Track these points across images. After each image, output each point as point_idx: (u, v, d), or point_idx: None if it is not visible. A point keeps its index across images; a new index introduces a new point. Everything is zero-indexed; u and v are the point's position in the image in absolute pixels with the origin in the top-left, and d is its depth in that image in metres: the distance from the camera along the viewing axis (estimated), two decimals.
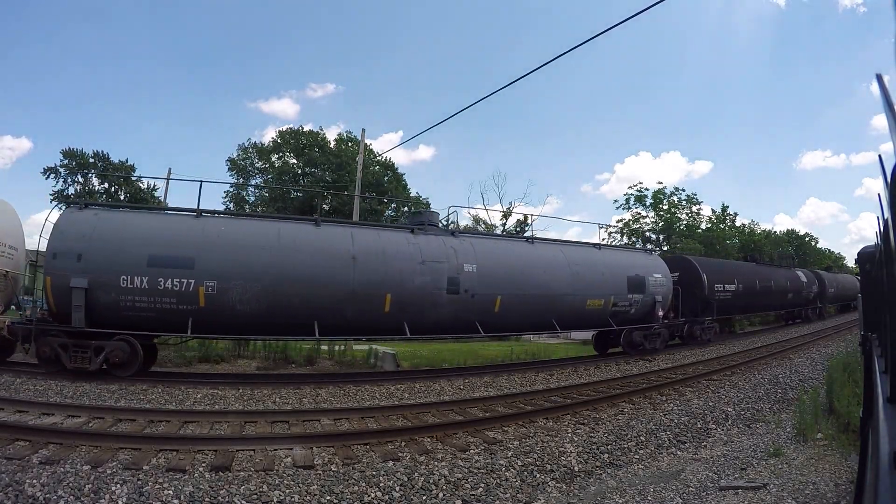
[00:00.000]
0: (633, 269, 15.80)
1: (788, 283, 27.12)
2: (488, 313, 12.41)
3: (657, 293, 16.20)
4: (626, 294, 15.29)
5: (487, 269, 12.42)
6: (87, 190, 29.23)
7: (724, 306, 20.56)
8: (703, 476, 5.75)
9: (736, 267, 23.66)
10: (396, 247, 11.55)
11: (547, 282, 13.52)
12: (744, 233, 40.85)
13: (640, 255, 18.01)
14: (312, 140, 35.48)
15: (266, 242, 10.52)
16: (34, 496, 4.32)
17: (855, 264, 36.81)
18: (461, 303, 11.94)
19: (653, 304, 16.08)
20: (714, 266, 21.41)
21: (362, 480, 5.09)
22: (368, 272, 10.89)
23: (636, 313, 15.77)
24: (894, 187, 1.69)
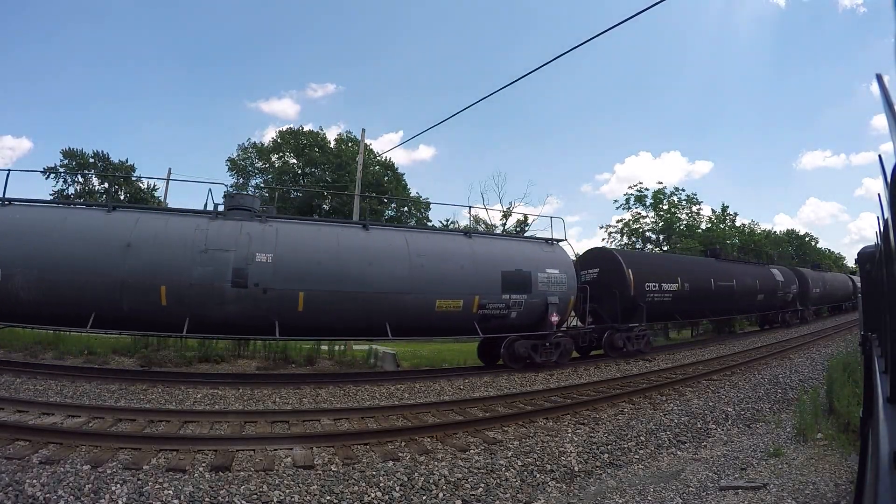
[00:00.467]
0: (513, 263, 12.93)
1: (758, 283, 23.55)
2: (290, 312, 10.54)
3: (551, 293, 13.26)
4: (499, 294, 12.49)
5: (288, 259, 10.56)
6: (87, 190, 29.25)
7: (661, 310, 17.23)
8: (703, 476, 5.75)
9: (680, 263, 20.31)
10: (181, 233, 10.30)
11: (375, 276, 11.07)
12: (744, 233, 40.85)
13: (530, 245, 14.39)
14: (312, 140, 35.51)
15: (50, 228, 9.93)
16: (34, 496, 4.32)
17: (855, 264, 36.52)
18: (251, 299, 10.26)
19: (544, 306, 13.13)
20: (646, 261, 18.30)
21: (362, 480, 5.09)
22: (142, 261, 9.89)
23: (519, 318, 12.88)
24: (894, 187, 1.69)
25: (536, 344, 13.02)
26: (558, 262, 13.94)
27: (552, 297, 13.27)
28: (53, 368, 10.86)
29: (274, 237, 10.76)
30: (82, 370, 10.96)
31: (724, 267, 21.99)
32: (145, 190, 30.82)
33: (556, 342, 13.45)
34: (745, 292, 22.10)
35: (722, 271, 21.25)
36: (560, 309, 13.44)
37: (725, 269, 21.83)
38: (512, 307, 12.75)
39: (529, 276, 13.00)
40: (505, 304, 12.64)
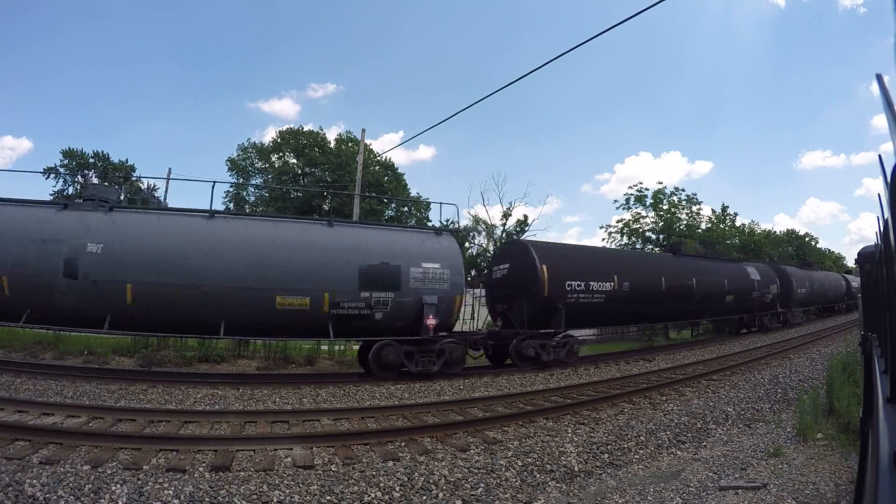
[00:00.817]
0: (377, 256, 11.30)
1: (727, 283, 20.78)
2: (119, 305, 9.88)
3: (427, 291, 11.50)
4: (357, 291, 10.95)
5: (119, 249, 9.93)
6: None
7: (590, 313, 14.79)
8: (703, 476, 5.75)
9: (619, 259, 17.73)
10: (23, 225, 9.99)
11: (211, 269, 10.18)
12: (744, 233, 40.86)
13: (407, 236, 12.62)
14: (312, 140, 35.51)
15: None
16: (34, 496, 4.32)
17: (855, 264, 36.35)
18: (81, 291, 9.79)
19: (419, 307, 11.40)
20: (568, 256, 15.25)
21: (362, 480, 5.09)
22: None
23: (387, 320, 11.28)
24: (894, 187, 1.69)
25: (411, 350, 11.30)
26: (441, 255, 12.03)
27: (429, 297, 11.46)
28: (53, 368, 10.87)
29: (109, 226, 10.20)
30: (82, 370, 10.97)
31: (681, 264, 19.41)
32: (145, 190, 30.80)
33: (440, 349, 11.57)
34: (709, 293, 19.58)
35: (678, 269, 18.75)
36: (440, 310, 11.60)
37: (683, 266, 19.26)
38: (375, 307, 11.11)
39: (398, 271, 11.32)
40: (365, 304, 11.02)
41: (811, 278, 30.44)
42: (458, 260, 12.44)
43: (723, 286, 20.65)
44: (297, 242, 10.96)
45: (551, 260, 14.06)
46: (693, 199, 35.79)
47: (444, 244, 12.47)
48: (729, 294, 20.97)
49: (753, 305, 23.10)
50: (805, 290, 28.40)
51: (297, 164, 35.49)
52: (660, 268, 18.07)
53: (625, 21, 9.89)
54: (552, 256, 14.36)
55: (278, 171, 35.04)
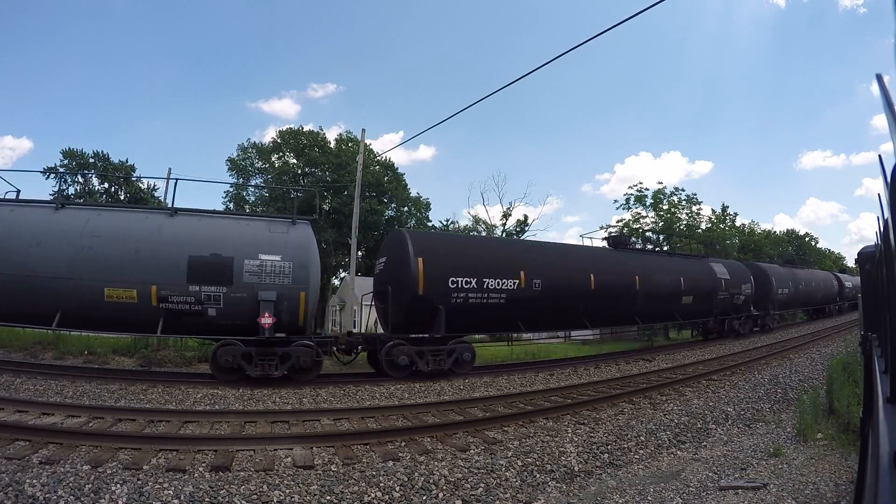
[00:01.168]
0: (209, 246, 10.39)
1: (683, 281, 18.09)
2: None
3: (264, 287, 10.40)
4: (185, 284, 10.11)
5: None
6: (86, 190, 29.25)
7: (485, 316, 12.53)
8: (703, 476, 5.76)
9: (527, 252, 14.56)
10: None
11: (39, 259, 9.75)
12: (744, 233, 40.88)
13: (250, 225, 11.40)
14: (312, 140, 35.50)
15: None
16: (34, 496, 4.32)
17: (855, 264, 36.06)
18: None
19: (255, 305, 10.30)
20: (455, 248, 13.21)
21: (362, 480, 5.09)
22: None
23: (222, 317, 10.33)
24: (894, 187, 1.69)
25: (250, 352, 10.23)
26: (284, 246, 10.84)
27: (265, 293, 10.36)
28: (53, 368, 10.88)
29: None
30: (82, 370, 10.98)
31: (620, 259, 16.77)
32: (145, 190, 30.82)
33: (285, 353, 10.42)
34: (657, 293, 16.81)
35: (615, 265, 16.15)
36: (282, 308, 10.48)
37: (623, 261, 16.63)
38: (206, 302, 10.21)
39: (231, 263, 10.33)
40: (195, 298, 10.16)
41: (795, 277, 27.69)
42: (306, 252, 11.02)
43: (677, 285, 18.01)
44: (128, 232, 10.33)
45: (430, 252, 11.99)
46: (693, 199, 35.85)
47: (292, 234, 11.17)
48: (686, 295, 18.32)
49: (722, 307, 20.21)
50: (788, 291, 25.91)
51: (297, 164, 35.48)
52: (589, 263, 15.30)
53: (625, 21, 9.86)
54: (433, 248, 12.34)
55: (278, 171, 35.03)
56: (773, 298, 24.05)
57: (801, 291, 27.81)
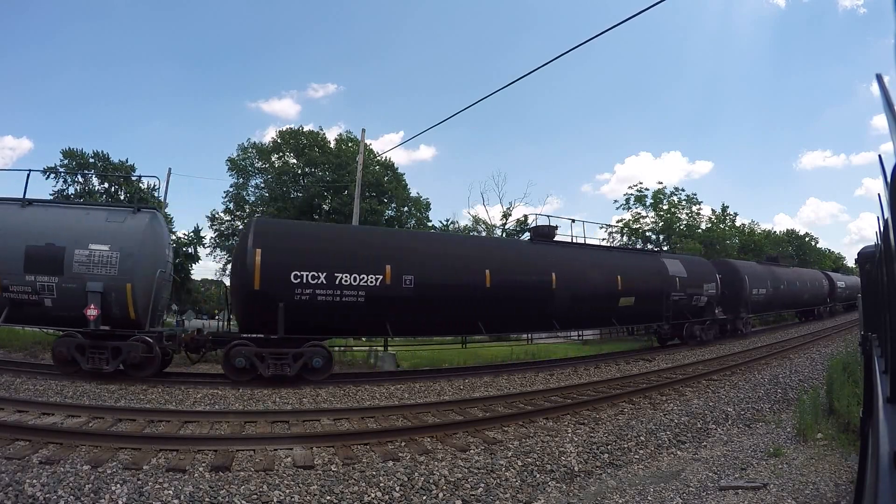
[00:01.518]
0: (45, 236, 10.17)
1: (621, 280, 15.39)
2: None
3: (93, 277, 10.02)
4: (22, 273, 9.94)
5: None
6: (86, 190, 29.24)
7: (333, 317, 10.97)
8: (703, 476, 5.75)
9: (395, 243, 12.74)
10: None
11: None
12: (743, 233, 40.87)
13: (87, 213, 11.00)
14: (312, 140, 35.48)
15: None
16: (34, 496, 4.32)
17: (855, 264, 35.80)
18: None
19: (82, 296, 9.95)
20: (303, 237, 11.70)
21: (362, 480, 5.09)
22: None
23: (58, 308, 10.10)
24: (894, 187, 1.69)
25: (83, 345, 9.93)
26: (115, 236, 10.37)
27: (92, 283, 9.98)
28: (53, 368, 10.86)
29: None
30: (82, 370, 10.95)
31: (532, 252, 14.27)
32: (145, 190, 30.79)
33: (116, 347, 9.96)
34: (582, 293, 14.29)
35: (523, 259, 13.81)
36: (108, 300, 10.02)
37: (536, 256, 14.09)
38: (42, 293, 10.02)
39: (63, 252, 10.04)
40: (31, 288, 9.98)
41: (776, 276, 24.84)
42: (138, 241, 10.45)
43: (612, 285, 15.27)
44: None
45: (271, 242, 10.74)
46: (693, 199, 35.82)
47: (127, 224, 10.65)
48: (625, 296, 15.59)
49: (675, 311, 17.40)
50: (766, 291, 23.26)
51: (297, 164, 35.46)
52: (485, 257, 13.07)
53: (625, 21, 9.88)
54: (275, 238, 11.04)
55: (278, 171, 35.02)
56: (747, 300, 21.44)
57: (784, 292, 25.10)
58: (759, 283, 22.88)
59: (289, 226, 13.27)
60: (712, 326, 19.68)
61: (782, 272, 26.52)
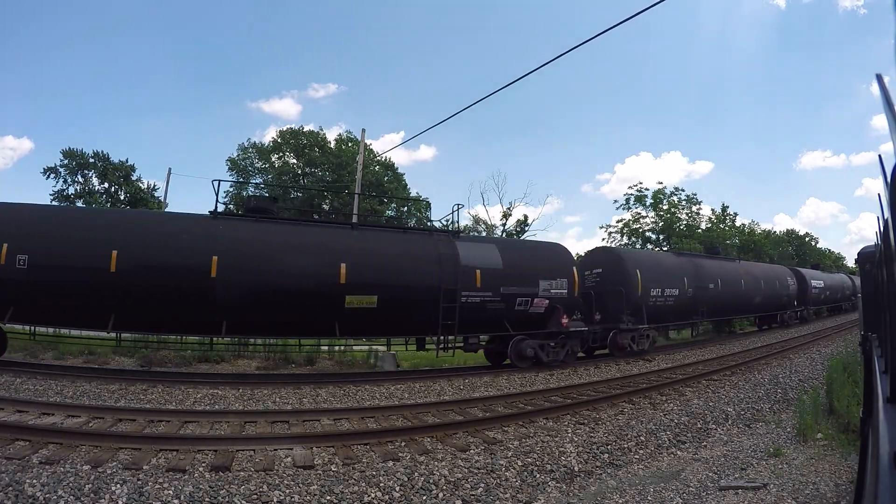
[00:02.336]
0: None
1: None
2: None
3: None
4: None
5: None
6: (86, 190, 29.25)
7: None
8: (703, 476, 5.76)
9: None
10: None
11: None
12: (743, 233, 40.89)
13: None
14: (312, 140, 35.51)
15: None
16: (34, 496, 4.32)
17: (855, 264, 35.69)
18: None
19: None
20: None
21: (362, 480, 5.09)
22: None
23: None
24: (894, 187, 1.69)
25: None
26: None
27: None
28: (53, 368, 10.87)
29: None
30: (82, 370, 10.96)
31: (193, 231, 10.65)
32: (145, 190, 30.81)
33: None
34: (259, 285, 10.34)
35: (173, 235, 10.43)
36: None
37: (195, 235, 10.52)
38: None
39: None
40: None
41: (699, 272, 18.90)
42: None
43: (331, 274, 10.86)
44: None
45: None
46: (693, 199, 35.85)
47: None
48: (357, 293, 11.02)
49: (469, 319, 12.21)
50: (677, 292, 17.30)
51: (297, 164, 35.49)
52: (109, 233, 10.14)
53: (625, 21, 9.89)
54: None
55: (278, 171, 35.04)
56: (638, 304, 15.51)
57: (713, 293, 18.93)
58: (664, 281, 16.84)
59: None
60: (570, 342, 13.62)
61: (714, 266, 20.23)
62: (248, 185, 35.01)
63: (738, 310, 22.21)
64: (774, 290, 24.26)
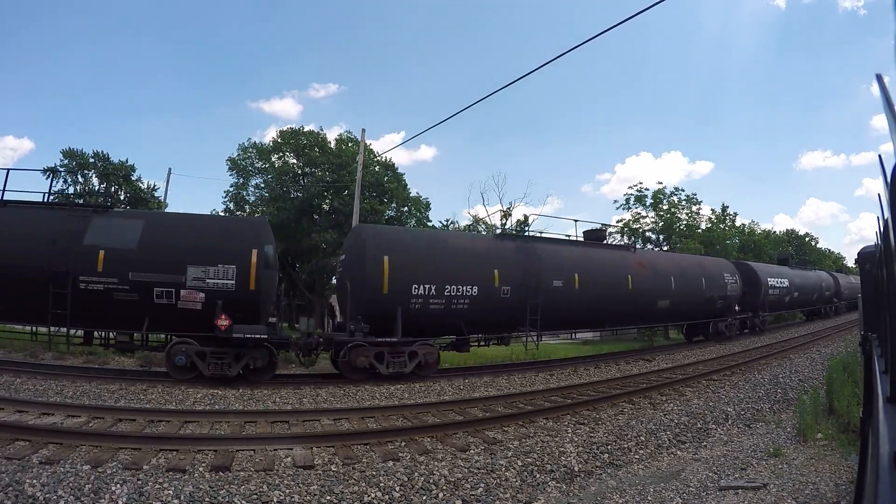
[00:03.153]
0: None
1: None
2: None
3: None
4: None
5: None
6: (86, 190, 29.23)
7: None
8: (703, 476, 5.75)
9: None
10: None
11: None
12: (743, 233, 40.86)
13: None
14: (312, 140, 35.48)
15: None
16: (34, 496, 4.32)
17: (855, 264, 35.20)
18: None
19: None
20: None
21: (362, 480, 5.09)
22: None
23: None
24: (894, 187, 1.69)
25: None
26: None
27: None
28: (53, 368, 10.86)
29: None
30: (82, 370, 10.96)
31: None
32: (145, 190, 30.78)
33: None
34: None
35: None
36: None
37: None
38: None
39: None
40: None
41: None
42: None
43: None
44: None
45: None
46: (693, 199, 35.81)
47: None
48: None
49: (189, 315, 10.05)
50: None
51: (297, 164, 35.45)
52: None
53: (625, 21, 9.86)
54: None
55: (278, 171, 35.00)
56: (378, 305, 11.16)
57: (557, 294, 13.29)
58: (441, 275, 11.72)
59: None
60: (244, 353, 10.22)
61: (565, 256, 14.36)
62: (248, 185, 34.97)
63: (615, 317, 15.87)
64: (698, 291, 18.06)
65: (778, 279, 24.52)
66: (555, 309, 13.37)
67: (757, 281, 22.14)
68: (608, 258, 16.04)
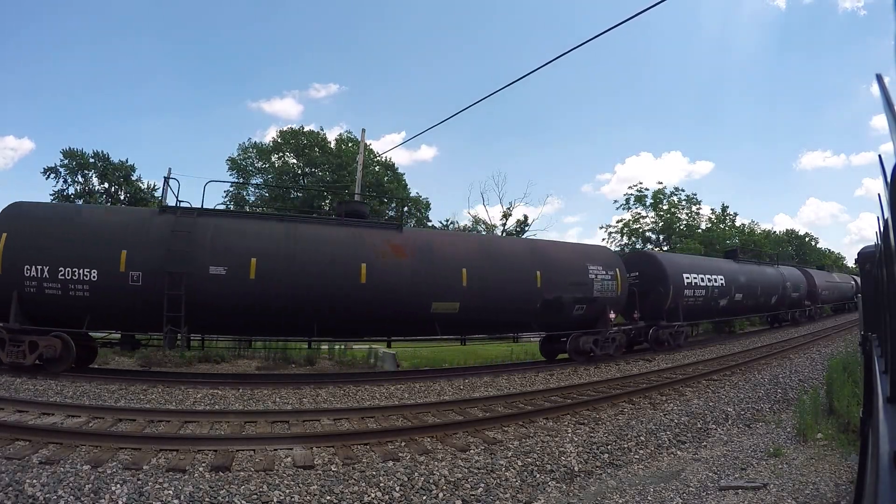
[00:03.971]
0: None
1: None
2: None
3: None
4: None
5: None
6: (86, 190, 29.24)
7: None
8: (703, 476, 5.75)
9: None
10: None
11: None
12: (743, 233, 40.89)
13: None
14: (313, 140, 35.48)
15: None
16: (34, 496, 4.32)
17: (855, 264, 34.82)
18: None
19: None
20: None
21: (362, 480, 5.09)
22: None
23: None
24: (894, 187, 1.69)
25: None
26: None
27: None
28: None
29: None
30: (82, 370, 10.95)
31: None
32: (145, 190, 30.81)
33: None
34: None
35: None
36: None
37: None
38: None
39: None
40: None
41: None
42: None
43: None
44: None
45: None
46: (693, 199, 35.84)
47: None
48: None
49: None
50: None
51: (297, 164, 35.46)
52: None
53: (625, 21, 9.88)
54: None
55: (278, 171, 35.01)
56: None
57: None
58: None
59: None
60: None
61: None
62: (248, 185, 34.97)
63: (336, 321, 11.45)
64: (526, 288, 13.24)
65: (703, 276, 18.33)
66: (210, 304, 10.32)
67: (663, 277, 16.58)
68: (330, 237, 11.67)
